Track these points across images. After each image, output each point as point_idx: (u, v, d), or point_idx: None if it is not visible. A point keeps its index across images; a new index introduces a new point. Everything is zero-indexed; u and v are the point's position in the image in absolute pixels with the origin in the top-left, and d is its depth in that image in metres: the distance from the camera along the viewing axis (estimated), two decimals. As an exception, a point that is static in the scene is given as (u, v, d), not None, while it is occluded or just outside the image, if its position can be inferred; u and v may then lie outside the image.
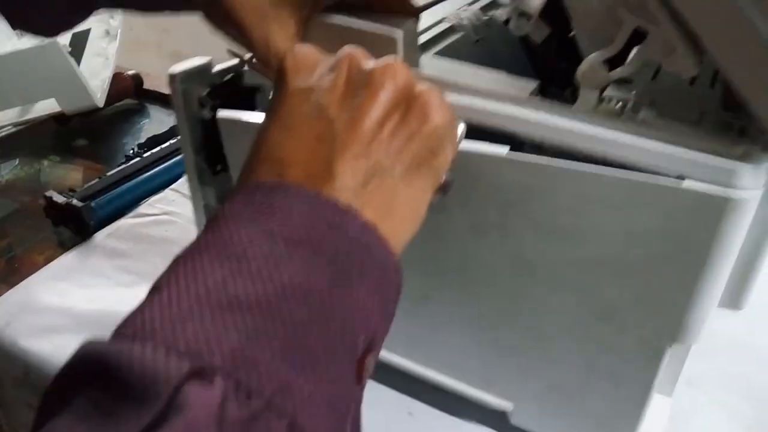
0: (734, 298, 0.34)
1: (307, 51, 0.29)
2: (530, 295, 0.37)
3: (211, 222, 0.24)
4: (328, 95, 0.26)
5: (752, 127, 0.30)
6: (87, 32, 0.95)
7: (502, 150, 0.33)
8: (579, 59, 0.34)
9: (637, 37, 0.31)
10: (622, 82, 0.35)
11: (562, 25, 0.37)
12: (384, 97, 0.26)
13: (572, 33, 0.36)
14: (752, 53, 0.26)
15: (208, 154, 0.44)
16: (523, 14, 0.35)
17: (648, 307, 0.33)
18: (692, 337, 0.34)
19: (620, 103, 0.32)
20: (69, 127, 0.93)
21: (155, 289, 0.22)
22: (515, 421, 0.44)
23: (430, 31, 0.45)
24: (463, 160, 0.34)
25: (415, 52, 0.36)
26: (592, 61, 0.31)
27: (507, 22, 0.36)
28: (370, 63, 0.27)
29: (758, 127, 0.29)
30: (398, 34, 0.35)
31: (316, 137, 0.26)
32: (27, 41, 0.91)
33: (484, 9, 0.48)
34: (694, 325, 0.33)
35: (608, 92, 0.33)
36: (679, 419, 0.46)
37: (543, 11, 0.35)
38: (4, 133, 0.94)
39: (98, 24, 0.97)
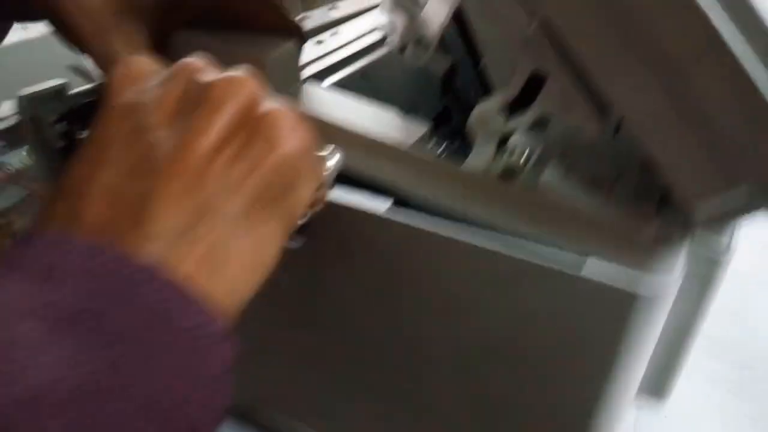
0: (656, 388, 0.29)
1: (141, 61, 0.23)
2: (414, 373, 0.31)
3: None
4: (153, 114, 0.21)
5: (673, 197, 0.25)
6: None
7: (382, 206, 0.27)
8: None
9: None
10: (534, 126, 0.29)
11: (472, 54, 0.31)
12: (222, 118, 0.21)
13: (481, 65, 0.30)
14: (664, 117, 0.20)
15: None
16: (420, 42, 0.29)
17: (545, 406, 0.28)
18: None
19: (524, 156, 0.27)
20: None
21: None
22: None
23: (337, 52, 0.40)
24: (338, 212, 0.28)
25: (292, 79, 0.31)
26: (485, 107, 0.25)
27: (402, 50, 0.30)
28: (212, 75, 0.22)
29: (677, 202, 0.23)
30: (268, 57, 0.29)
31: (131, 167, 0.20)
32: (33, 31, 0.89)
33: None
34: (604, 427, 0.28)
35: (514, 140, 0.28)
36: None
37: (441, 40, 0.29)
38: (12, 122, 0.91)
39: None
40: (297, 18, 0.47)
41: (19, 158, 0.81)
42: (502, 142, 0.28)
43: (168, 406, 0.18)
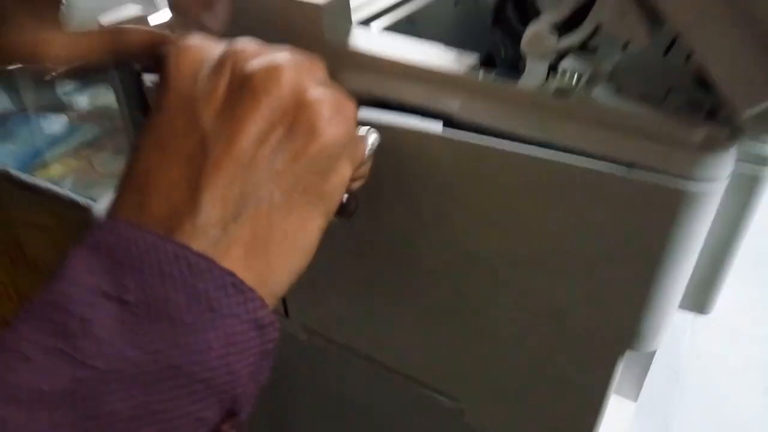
0: (699, 301, 0.30)
1: (195, 45, 0.24)
2: (473, 290, 0.33)
3: (56, 274, 0.21)
4: (205, 105, 0.23)
5: (723, 108, 0.26)
6: None
7: (437, 127, 0.29)
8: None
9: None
10: (586, 51, 0.30)
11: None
12: (263, 109, 0.22)
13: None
14: (718, 24, 0.21)
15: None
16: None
17: (598, 309, 0.30)
18: (648, 344, 0.30)
19: (576, 77, 0.28)
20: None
21: None
22: (468, 419, 0.41)
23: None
24: (394, 136, 0.30)
25: (346, 23, 0.32)
26: (537, 27, 0.26)
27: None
28: (255, 63, 0.23)
29: (727, 108, 0.25)
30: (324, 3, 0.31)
31: (187, 158, 0.22)
32: None
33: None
34: (650, 331, 0.29)
35: (565, 63, 0.29)
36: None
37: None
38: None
39: None
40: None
41: (89, 98, 0.84)
42: (553, 67, 0.29)
43: (222, 381, 0.20)
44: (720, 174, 0.24)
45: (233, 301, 0.21)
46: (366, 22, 0.41)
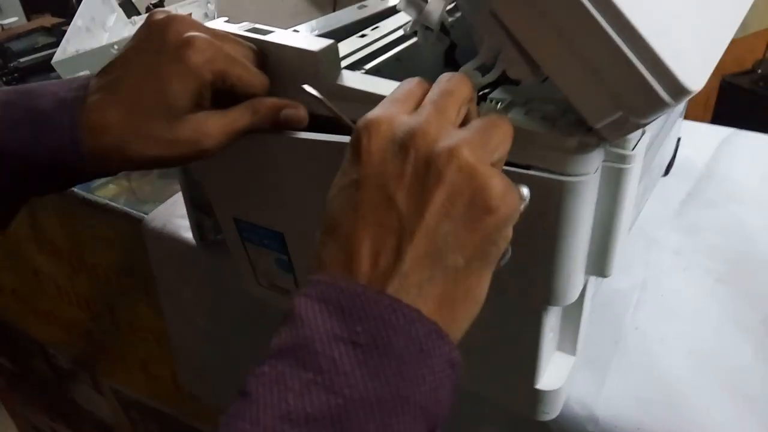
0: (599, 267, 0.40)
1: (382, 121, 0.29)
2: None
3: (289, 320, 0.26)
4: (398, 185, 0.27)
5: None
6: (189, 16, 1.04)
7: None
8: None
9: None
10: (510, 83, 0.41)
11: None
12: (448, 188, 0.27)
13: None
14: (567, 64, 0.32)
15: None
16: (426, 28, 0.41)
17: (521, 275, 0.40)
18: (562, 300, 0.40)
19: (499, 104, 0.38)
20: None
21: (245, 395, 0.25)
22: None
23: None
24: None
25: (335, 68, 0.42)
26: (465, 69, 0.37)
27: (414, 34, 0.43)
28: (438, 146, 0.28)
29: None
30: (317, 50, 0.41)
31: (387, 228, 0.27)
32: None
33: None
34: (562, 290, 0.39)
35: (493, 93, 0.39)
36: (663, 274, 0.61)
37: (442, 26, 0.41)
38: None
39: (198, 8, 1.08)
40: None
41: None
42: (486, 95, 0.40)
43: (433, 408, 0.26)
44: (589, 169, 0.35)
45: (436, 344, 0.26)
46: (361, 61, 0.52)
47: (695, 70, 0.30)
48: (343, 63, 0.50)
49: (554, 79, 0.33)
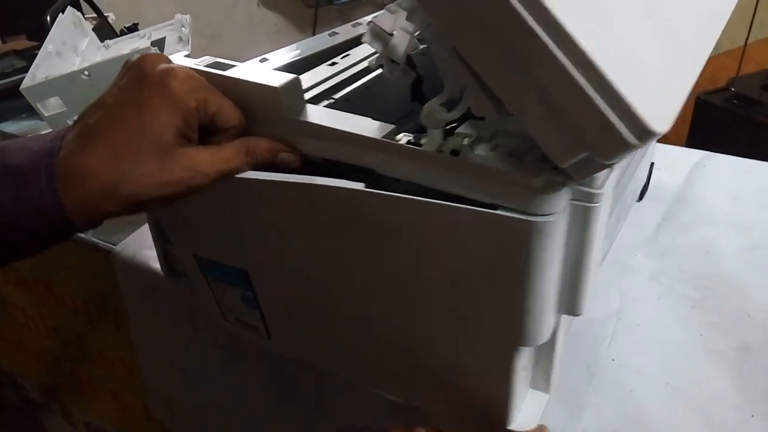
0: (570, 305, 0.39)
1: None
2: (404, 305, 0.43)
3: None
4: None
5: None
6: (163, 40, 1.04)
7: (359, 185, 0.39)
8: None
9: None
10: (478, 119, 0.40)
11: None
12: None
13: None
14: (531, 102, 0.31)
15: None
16: (392, 61, 0.41)
17: (490, 316, 0.39)
18: (534, 341, 0.39)
19: (466, 139, 0.38)
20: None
21: None
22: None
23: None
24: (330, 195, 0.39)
25: (299, 102, 0.42)
26: (430, 105, 0.36)
27: (380, 66, 0.42)
28: None
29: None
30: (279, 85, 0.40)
31: None
32: (114, 50, 1.03)
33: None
34: (533, 331, 0.39)
35: (461, 128, 0.39)
36: (638, 302, 0.61)
37: (408, 59, 0.40)
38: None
39: (172, 32, 1.07)
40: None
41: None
42: (454, 129, 0.39)
43: None
44: (557, 208, 0.34)
45: None
46: (331, 90, 0.51)
47: (661, 110, 0.29)
48: (314, 91, 0.50)
49: (519, 118, 0.32)
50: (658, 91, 0.30)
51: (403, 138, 0.39)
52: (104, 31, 1.20)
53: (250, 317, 0.53)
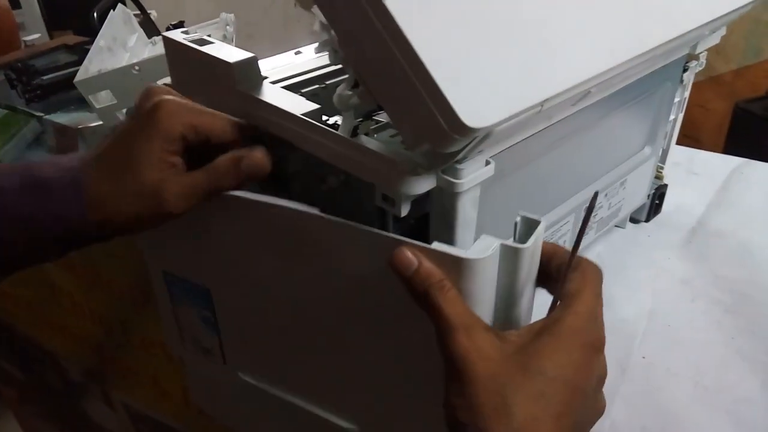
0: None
1: (478, 338, 0.33)
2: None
3: None
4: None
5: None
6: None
7: (315, 210, 0.40)
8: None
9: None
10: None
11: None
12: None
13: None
14: (389, 94, 0.35)
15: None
16: (335, 50, 0.43)
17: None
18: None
19: (376, 125, 0.43)
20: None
21: None
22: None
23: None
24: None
25: (256, 79, 0.45)
26: (339, 89, 0.40)
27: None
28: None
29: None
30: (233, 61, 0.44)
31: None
32: (161, 47, 1.04)
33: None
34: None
35: (380, 116, 0.45)
36: (670, 304, 0.62)
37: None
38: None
39: (217, 31, 1.09)
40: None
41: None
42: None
43: None
44: (420, 189, 0.37)
45: None
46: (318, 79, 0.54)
47: (482, 110, 0.32)
48: (304, 77, 0.54)
49: (385, 110, 0.36)
50: (486, 93, 0.33)
51: (330, 120, 0.43)
52: (148, 27, 1.24)
53: (206, 340, 0.55)
